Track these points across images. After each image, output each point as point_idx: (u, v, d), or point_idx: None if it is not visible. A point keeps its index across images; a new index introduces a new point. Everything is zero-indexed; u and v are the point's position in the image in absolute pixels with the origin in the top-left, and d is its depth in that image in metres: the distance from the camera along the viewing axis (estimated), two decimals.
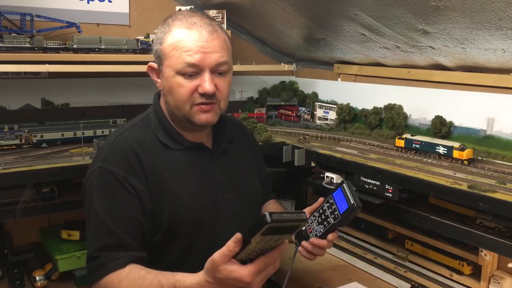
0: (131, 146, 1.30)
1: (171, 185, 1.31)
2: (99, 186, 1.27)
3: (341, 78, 2.36)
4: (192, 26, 1.26)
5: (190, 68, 1.25)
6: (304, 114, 2.47)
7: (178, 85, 1.27)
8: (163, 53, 1.29)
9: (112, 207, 1.25)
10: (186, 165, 1.35)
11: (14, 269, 1.84)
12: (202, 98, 1.27)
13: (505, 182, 1.43)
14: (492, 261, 1.56)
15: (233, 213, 1.40)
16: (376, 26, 1.82)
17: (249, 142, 1.63)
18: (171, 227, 1.30)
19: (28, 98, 2.06)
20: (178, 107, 1.30)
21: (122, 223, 1.24)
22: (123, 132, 1.35)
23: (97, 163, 1.30)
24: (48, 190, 1.71)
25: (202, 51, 1.24)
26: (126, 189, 1.26)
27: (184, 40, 1.25)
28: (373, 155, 1.80)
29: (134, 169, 1.27)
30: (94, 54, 1.90)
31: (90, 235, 1.27)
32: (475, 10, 1.43)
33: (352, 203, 1.24)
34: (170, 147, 1.34)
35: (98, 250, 1.23)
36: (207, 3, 2.27)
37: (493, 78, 1.69)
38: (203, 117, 1.30)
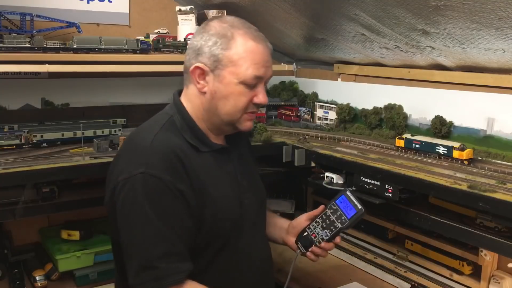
0: (172, 149, 1.26)
1: (210, 189, 1.30)
2: (146, 193, 1.19)
3: (341, 78, 2.36)
4: (256, 38, 1.31)
5: (255, 80, 1.30)
6: (304, 114, 2.47)
7: (239, 93, 1.30)
8: (228, 59, 1.28)
9: (164, 213, 1.20)
10: (216, 167, 1.35)
11: (14, 269, 1.84)
12: (254, 108, 1.35)
13: (505, 182, 1.43)
14: (492, 261, 1.56)
15: (253, 214, 1.44)
16: (376, 26, 1.82)
17: (248, 142, 1.66)
18: (209, 230, 1.29)
19: (28, 98, 2.06)
20: (231, 113, 1.33)
21: (177, 230, 1.21)
22: (157, 135, 1.29)
23: (137, 168, 1.21)
24: (48, 190, 1.71)
25: (266, 66, 1.32)
26: (174, 195, 1.21)
27: (254, 52, 1.30)
28: (373, 155, 1.80)
29: (179, 173, 1.24)
30: (94, 54, 1.90)
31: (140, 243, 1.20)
32: (475, 10, 1.43)
33: (360, 208, 1.36)
34: (199, 150, 1.33)
35: (156, 258, 1.17)
36: (207, 3, 2.27)
37: (493, 78, 1.69)
38: (248, 124, 1.37)
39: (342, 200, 1.40)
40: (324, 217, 1.42)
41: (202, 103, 1.34)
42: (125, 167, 1.25)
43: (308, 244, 1.43)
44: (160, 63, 2.02)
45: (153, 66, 2.01)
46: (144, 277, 1.18)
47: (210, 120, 1.36)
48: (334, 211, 1.41)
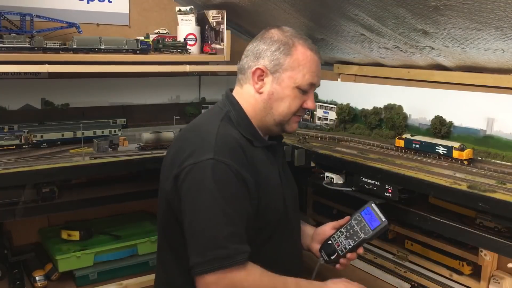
0: (236, 140, 1.35)
1: (264, 179, 1.38)
2: (216, 176, 1.25)
3: (341, 78, 2.36)
4: (313, 49, 1.44)
5: (309, 86, 1.42)
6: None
7: (294, 97, 1.41)
8: (289, 64, 1.40)
9: (231, 198, 1.26)
10: (268, 162, 1.44)
11: (14, 269, 1.84)
12: (302, 112, 1.47)
13: (505, 182, 1.43)
14: (492, 261, 1.56)
15: (292, 209, 1.50)
16: (376, 26, 1.82)
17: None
18: (261, 219, 1.36)
19: (28, 98, 2.06)
20: (283, 115, 1.43)
21: (241, 215, 1.27)
22: (220, 126, 1.36)
23: (204, 154, 1.27)
24: (48, 190, 1.71)
25: (319, 75, 1.45)
26: (240, 182, 1.28)
27: (312, 61, 1.42)
28: (373, 155, 1.80)
29: (243, 162, 1.32)
30: (94, 54, 1.90)
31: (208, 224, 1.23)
32: (474, 10, 1.43)
33: (384, 220, 1.41)
34: (253, 144, 1.41)
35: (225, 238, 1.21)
36: (207, 3, 2.27)
37: (493, 78, 1.69)
38: (295, 126, 1.49)
39: (367, 212, 1.45)
40: (349, 227, 1.47)
41: (258, 102, 1.44)
42: (191, 154, 1.30)
43: (331, 252, 1.47)
44: (160, 63, 2.02)
45: (153, 67, 2.02)
46: (211, 256, 1.20)
47: (262, 119, 1.45)
48: (358, 222, 1.45)
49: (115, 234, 2.08)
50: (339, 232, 1.49)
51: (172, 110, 2.30)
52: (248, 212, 1.30)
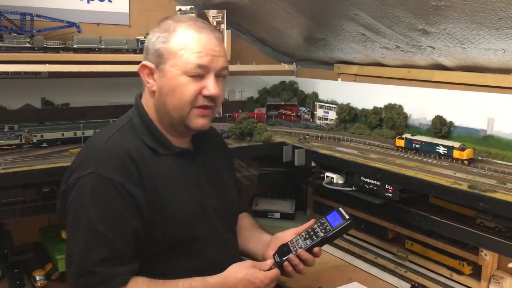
0: (126, 151, 1.24)
1: (164, 191, 1.27)
2: (93, 193, 1.19)
3: (341, 78, 2.36)
4: (201, 29, 1.27)
5: (199, 69, 1.25)
6: (304, 114, 2.47)
7: (184, 84, 1.25)
8: (169, 52, 1.26)
9: (108, 216, 1.19)
10: (175, 171, 1.32)
11: (14, 269, 1.84)
12: (204, 101, 1.27)
13: (505, 182, 1.43)
14: (492, 261, 1.56)
15: (218, 221, 1.39)
16: (376, 26, 1.81)
17: (224, 148, 1.64)
18: (164, 236, 1.27)
19: (28, 98, 2.06)
20: (178, 108, 1.27)
21: (120, 233, 1.19)
22: (113, 136, 1.28)
23: (86, 168, 1.21)
24: (48, 190, 1.70)
25: (211, 54, 1.26)
26: (123, 196, 1.20)
27: (195, 41, 1.25)
28: (373, 155, 1.80)
29: (131, 175, 1.22)
30: (94, 54, 1.90)
31: (80, 246, 1.18)
32: (475, 10, 1.43)
33: (348, 218, 1.32)
34: (158, 152, 1.30)
35: (94, 264, 1.16)
36: (207, 3, 2.27)
37: (494, 78, 1.69)
38: (200, 122, 1.29)
39: (333, 215, 1.36)
40: (310, 230, 1.37)
41: (154, 104, 1.32)
42: (76, 169, 1.25)
43: (284, 254, 1.33)
44: None
45: None
46: (82, 283, 1.16)
47: (163, 120, 1.32)
48: (321, 224, 1.36)
49: None
50: (298, 236, 1.37)
51: None
52: (135, 228, 1.21)
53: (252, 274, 1.27)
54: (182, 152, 1.35)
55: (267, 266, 1.31)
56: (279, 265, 1.32)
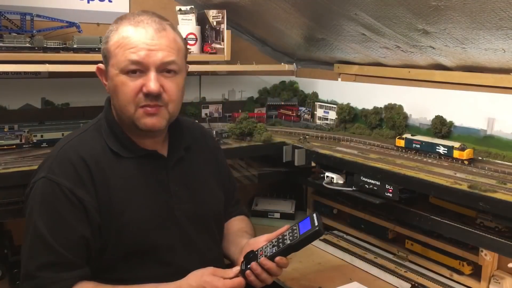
0: (80, 155, 1.21)
1: (120, 197, 1.23)
2: (42, 198, 1.18)
3: (341, 78, 2.36)
4: (139, 23, 1.21)
5: (133, 65, 1.18)
6: (304, 114, 2.47)
7: (121, 84, 1.19)
8: (108, 51, 1.22)
9: (54, 222, 1.17)
10: (138, 175, 1.27)
11: (14, 269, 1.84)
12: (147, 100, 1.20)
13: (505, 182, 1.43)
14: (492, 261, 1.56)
15: (189, 225, 1.33)
16: (377, 26, 1.81)
17: (211, 149, 1.52)
18: (119, 243, 1.22)
19: (28, 98, 2.06)
20: (123, 109, 1.22)
21: (65, 239, 1.17)
22: (72, 140, 1.26)
23: (41, 173, 1.20)
24: None
25: (147, 48, 1.18)
26: (71, 202, 1.17)
27: (129, 37, 1.19)
28: (373, 155, 1.80)
29: (82, 180, 1.19)
30: (94, 54, 1.89)
31: (26, 250, 1.18)
32: (475, 10, 1.43)
33: (316, 225, 1.21)
34: (121, 155, 1.26)
35: (36, 269, 1.15)
36: (207, 3, 2.27)
37: (494, 78, 1.69)
38: (148, 121, 1.22)
39: (305, 221, 1.25)
40: (280, 237, 1.27)
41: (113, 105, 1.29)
42: (36, 172, 1.25)
43: (251, 261, 1.25)
44: None
45: None
46: (26, 286, 1.17)
47: (122, 122, 1.28)
48: (292, 230, 1.26)
49: None
50: (269, 243, 1.28)
51: None
52: (83, 235, 1.18)
53: (210, 282, 1.19)
54: (149, 154, 1.30)
55: (232, 274, 1.22)
56: (243, 274, 1.24)
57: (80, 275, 1.18)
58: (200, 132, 1.55)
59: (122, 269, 1.24)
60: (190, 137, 1.42)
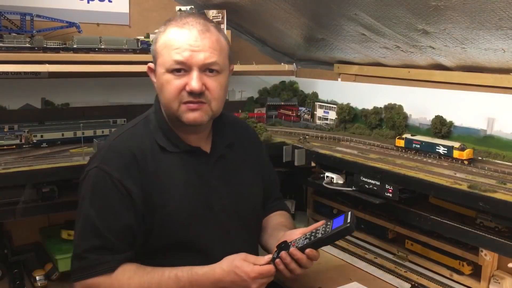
0: (129, 148, 1.30)
1: (164, 190, 1.30)
2: (93, 187, 1.28)
3: (341, 78, 2.36)
4: (184, 25, 1.28)
5: (178, 65, 1.26)
6: (304, 114, 2.47)
7: (166, 82, 1.28)
8: (156, 52, 1.31)
9: (103, 210, 1.26)
10: (181, 170, 1.34)
11: (14, 269, 1.84)
12: (189, 97, 1.27)
13: (505, 182, 1.43)
14: (492, 261, 1.56)
15: (227, 220, 1.39)
16: (376, 26, 1.82)
17: (254, 145, 1.59)
18: (161, 232, 1.30)
19: (28, 98, 2.06)
20: (168, 105, 1.31)
21: (112, 225, 1.26)
22: (123, 133, 1.35)
23: (94, 163, 1.30)
24: (48, 190, 1.71)
25: (190, 49, 1.25)
26: (120, 192, 1.26)
27: (174, 38, 1.27)
28: (373, 155, 1.80)
29: (130, 172, 1.27)
30: (94, 54, 1.90)
31: (78, 234, 1.29)
32: (475, 10, 1.43)
33: (348, 222, 1.24)
34: (167, 150, 1.34)
35: (85, 251, 1.25)
36: (207, 3, 2.27)
37: (493, 78, 1.69)
38: (190, 116, 1.29)
39: (340, 218, 1.29)
40: (315, 231, 1.31)
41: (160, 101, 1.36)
42: (90, 161, 1.37)
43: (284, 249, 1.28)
44: None
45: None
46: (75, 266, 1.28)
47: (169, 118, 1.35)
48: (325, 225, 1.30)
49: None
50: (302, 236, 1.31)
51: None
52: (129, 223, 1.27)
53: (240, 266, 1.25)
54: (193, 150, 1.37)
55: (263, 261, 1.28)
56: (274, 262, 1.29)
57: (124, 258, 1.27)
58: (244, 128, 1.61)
59: (162, 257, 1.32)
60: (233, 134, 1.49)
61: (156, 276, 1.26)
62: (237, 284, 1.25)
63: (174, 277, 1.25)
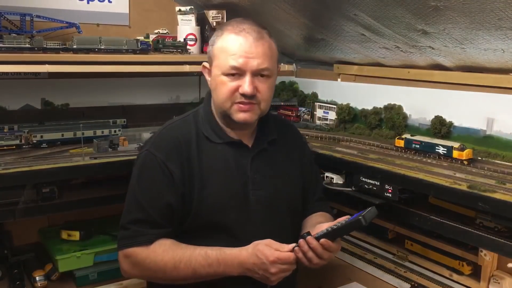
0: (176, 136, 1.43)
1: (203, 174, 1.41)
2: (142, 166, 1.43)
3: (341, 78, 2.36)
4: (240, 32, 1.38)
5: (233, 70, 1.38)
6: (304, 114, 2.47)
7: (221, 83, 1.40)
8: (213, 54, 1.43)
9: (148, 187, 1.40)
10: (222, 158, 1.45)
11: (14, 269, 1.84)
12: (241, 98, 1.39)
13: (504, 182, 1.43)
14: (492, 261, 1.56)
15: (261, 210, 1.46)
16: (376, 26, 1.82)
17: (298, 146, 1.64)
18: (198, 213, 1.40)
19: (28, 98, 2.06)
20: (221, 104, 1.42)
21: (153, 202, 1.38)
22: (175, 122, 1.50)
23: (145, 147, 1.47)
24: (48, 190, 1.71)
25: (245, 56, 1.37)
26: (164, 172, 1.38)
27: (231, 44, 1.38)
28: (373, 155, 1.80)
29: (174, 156, 1.40)
30: (94, 54, 1.90)
31: (125, 207, 1.43)
32: (474, 10, 1.43)
33: (363, 215, 1.27)
34: (211, 140, 1.45)
35: (129, 222, 1.39)
36: (207, 3, 2.27)
37: (493, 78, 1.69)
38: (241, 116, 1.41)
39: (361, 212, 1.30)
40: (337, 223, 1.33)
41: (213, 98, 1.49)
42: (143, 145, 1.54)
43: None
44: (160, 63, 2.02)
45: (153, 67, 2.01)
46: (120, 235, 1.41)
47: (219, 113, 1.47)
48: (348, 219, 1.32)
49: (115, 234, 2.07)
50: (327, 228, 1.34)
51: (172, 110, 2.28)
52: (170, 201, 1.38)
53: (262, 250, 1.31)
54: (235, 143, 1.47)
55: (286, 248, 1.33)
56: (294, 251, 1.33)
57: (163, 233, 1.39)
58: (289, 129, 1.69)
59: (197, 238, 1.41)
60: (277, 132, 1.57)
61: (188, 252, 1.36)
62: (258, 267, 1.31)
63: (204, 254, 1.35)
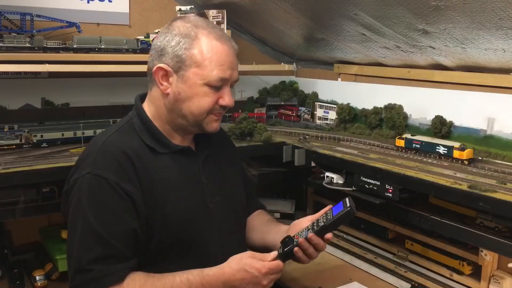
0: (122, 150, 1.26)
1: (161, 189, 1.29)
2: (90, 193, 1.22)
3: (341, 78, 2.36)
4: (221, 38, 1.30)
5: (220, 82, 1.29)
6: (304, 114, 2.47)
7: (204, 94, 1.29)
8: (192, 60, 1.27)
9: (104, 215, 1.21)
10: (174, 169, 1.34)
11: (14, 269, 1.84)
12: (220, 109, 1.34)
13: (505, 182, 1.43)
14: (492, 261, 1.56)
15: (221, 217, 1.41)
16: (376, 26, 1.81)
17: (230, 147, 1.64)
18: (163, 234, 1.28)
19: (28, 98, 2.06)
20: (195, 114, 1.31)
21: (116, 231, 1.21)
22: (111, 136, 1.31)
23: (85, 169, 1.24)
24: (48, 190, 1.70)
25: (231, 67, 1.30)
26: (119, 195, 1.22)
27: (219, 53, 1.28)
28: (373, 155, 1.80)
29: (127, 173, 1.24)
30: (94, 54, 1.90)
31: (77, 245, 1.20)
32: (475, 10, 1.43)
33: (349, 206, 1.27)
34: (157, 151, 1.33)
35: (90, 262, 1.18)
36: (207, 3, 2.27)
37: (493, 78, 1.69)
38: (215, 125, 1.36)
39: (338, 205, 1.31)
40: (315, 222, 1.33)
41: (165, 105, 1.33)
42: (76, 169, 1.29)
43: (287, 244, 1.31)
44: None
45: None
46: (78, 280, 1.19)
47: (175, 122, 1.35)
48: (326, 214, 1.33)
49: None
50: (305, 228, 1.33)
51: None
52: (133, 227, 1.23)
53: (250, 264, 1.25)
54: (182, 150, 1.38)
55: (270, 257, 1.28)
56: (281, 257, 1.30)
57: (132, 266, 1.23)
58: (222, 132, 1.63)
59: (162, 262, 1.30)
60: (215, 135, 1.48)
61: (168, 282, 1.23)
62: (248, 281, 1.25)
63: (186, 281, 1.24)
